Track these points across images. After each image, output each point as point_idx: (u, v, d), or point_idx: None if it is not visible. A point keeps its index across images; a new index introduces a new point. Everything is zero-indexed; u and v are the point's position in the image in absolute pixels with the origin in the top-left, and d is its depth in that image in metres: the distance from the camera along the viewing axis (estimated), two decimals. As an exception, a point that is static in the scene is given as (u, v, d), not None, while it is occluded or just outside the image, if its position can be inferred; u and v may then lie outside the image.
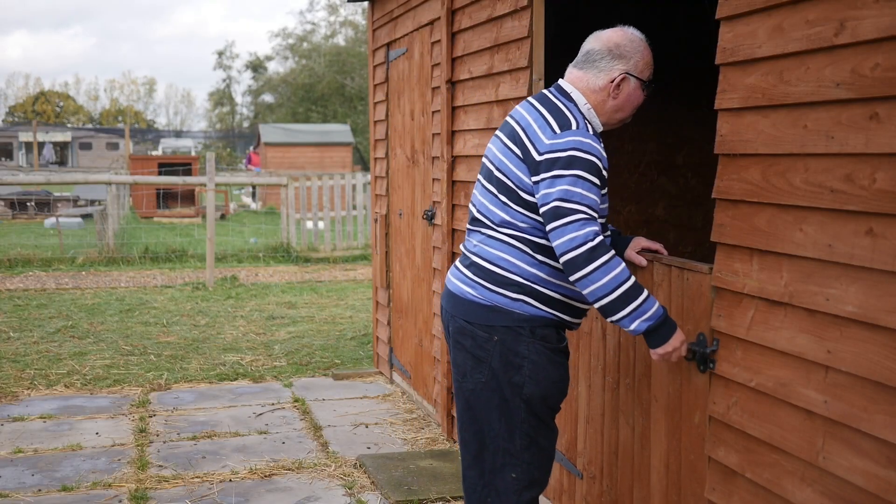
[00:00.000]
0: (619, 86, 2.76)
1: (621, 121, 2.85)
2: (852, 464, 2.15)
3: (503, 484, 2.76)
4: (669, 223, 5.40)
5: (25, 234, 15.90)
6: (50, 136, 46.37)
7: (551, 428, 2.82)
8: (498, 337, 2.71)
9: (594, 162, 2.59)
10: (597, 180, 2.59)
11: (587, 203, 2.56)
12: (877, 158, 2.07)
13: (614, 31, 2.86)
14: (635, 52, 2.80)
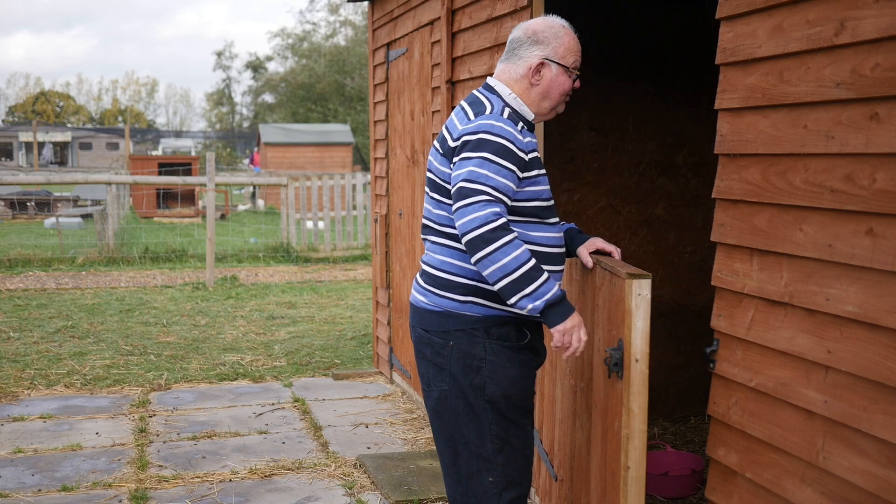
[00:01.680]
0: (539, 72, 2.73)
1: (551, 109, 2.79)
2: (852, 464, 2.15)
3: (481, 489, 2.73)
4: (669, 223, 5.39)
5: (25, 234, 15.90)
6: (50, 136, 46.36)
7: (523, 426, 2.76)
8: (453, 342, 2.68)
9: (503, 144, 2.56)
10: (507, 163, 2.56)
11: (493, 185, 2.52)
12: (877, 158, 2.08)
13: (535, 20, 2.82)
14: (554, 37, 2.75)
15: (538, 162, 2.69)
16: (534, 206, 2.67)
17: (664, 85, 5.27)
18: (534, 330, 2.75)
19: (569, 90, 2.77)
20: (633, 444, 2.57)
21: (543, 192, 2.70)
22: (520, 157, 2.60)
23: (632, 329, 2.52)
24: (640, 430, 2.56)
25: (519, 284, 2.49)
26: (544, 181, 2.71)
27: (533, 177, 2.66)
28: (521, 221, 2.66)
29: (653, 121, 5.28)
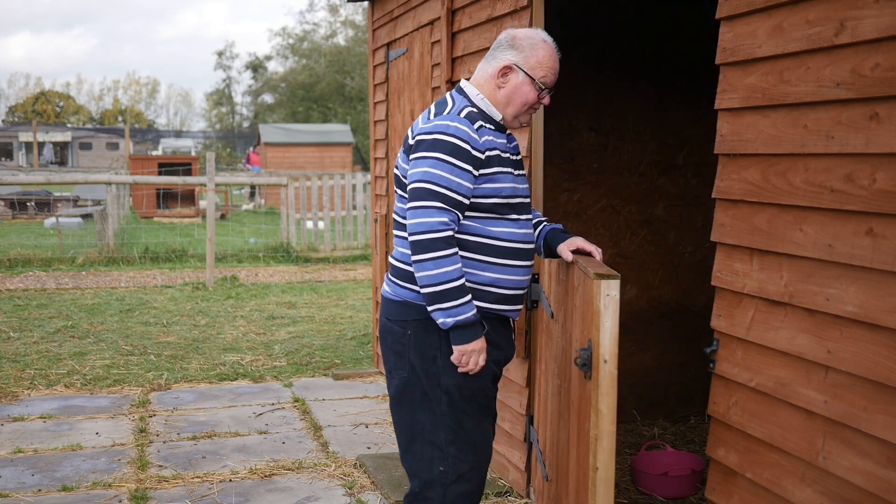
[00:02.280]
0: (506, 74, 2.77)
1: (514, 117, 2.81)
2: (852, 464, 2.15)
3: (430, 476, 2.79)
4: (669, 223, 5.39)
5: (25, 234, 15.90)
6: (50, 136, 46.36)
7: (479, 421, 2.80)
8: (411, 331, 2.76)
9: (457, 144, 2.63)
10: (461, 162, 2.62)
11: (446, 185, 2.61)
12: (877, 158, 2.08)
13: (523, 28, 2.88)
14: (530, 47, 2.77)
15: (498, 160, 2.73)
16: (493, 202, 2.72)
17: (664, 85, 5.27)
18: (494, 324, 2.80)
19: (532, 102, 2.80)
20: (601, 445, 2.56)
21: (504, 189, 2.74)
22: (475, 156, 2.66)
23: (600, 329, 2.52)
24: (609, 430, 2.55)
25: (439, 297, 2.60)
26: (505, 179, 2.75)
27: (490, 174, 2.71)
28: (480, 217, 2.73)
29: (653, 121, 5.29)
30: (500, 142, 2.77)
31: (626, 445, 4.87)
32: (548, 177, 4.93)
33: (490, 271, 2.75)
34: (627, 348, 5.36)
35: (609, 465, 2.57)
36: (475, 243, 2.73)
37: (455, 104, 2.77)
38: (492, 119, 2.79)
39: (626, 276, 5.33)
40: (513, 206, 2.78)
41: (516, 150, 2.91)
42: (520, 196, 2.83)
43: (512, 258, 2.78)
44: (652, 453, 4.39)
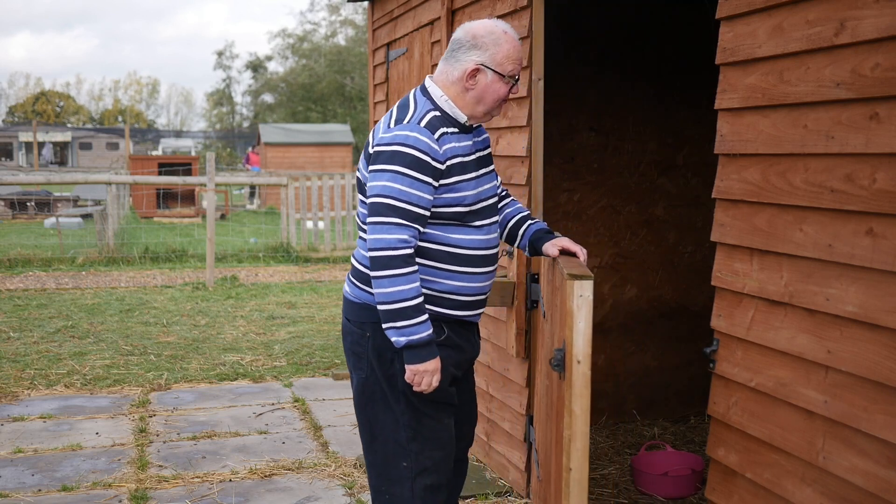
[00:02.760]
0: (475, 77, 2.72)
1: (486, 114, 2.79)
2: (852, 464, 2.15)
3: (396, 473, 2.81)
4: (669, 223, 5.39)
5: (25, 234, 15.90)
6: (50, 136, 46.36)
7: (439, 420, 2.81)
8: (370, 333, 2.76)
9: (417, 157, 2.60)
10: (421, 175, 2.60)
11: (406, 199, 2.59)
12: (877, 158, 2.08)
13: (479, 23, 2.79)
14: (493, 44, 2.72)
15: (460, 168, 2.70)
16: (454, 210, 2.71)
17: (664, 85, 5.27)
18: (454, 327, 2.80)
19: (504, 96, 2.77)
20: (574, 446, 2.56)
21: (467, 197, 2.71)
22: (435, 168, 2.63)
23: (573, 330, 2.51)
24: (582, 431, 2.53)
25: (393, 315, 2.59)
26: (468, 187, 2.72)
27: (451, 184, 2.68)
28: (441, 224, 2.71)
29: (653, 121, 5.29)
30: (462, 146, 2.74)
31: (626, 445, 4.87)
32: (548, 177, 4.93)
33: (450, 279, 2.74)
34: (627, 348, 5.36)
35: (582, 467, 2.56)
36: (435, 251, 2.72)
37: (417, 109, 2.72)
38: (455, 122, 2.76)
39: (626, 276, 5.33)
40: (477, 213, 2.76)
41: (485, 143, 2.90)
42: (485, 200, 2.80)
43: (472, 265, 2.77)
44: (652, 453, 4.39)
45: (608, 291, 5.30)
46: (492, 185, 2.86)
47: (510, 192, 4.13)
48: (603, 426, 5.21)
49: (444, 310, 2.76)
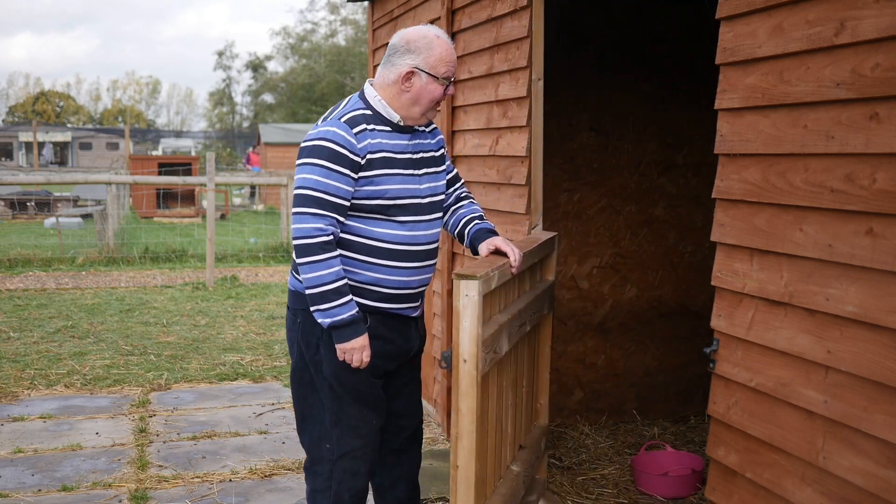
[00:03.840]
0: (410, 79, 2.88)
1: (422, 115, 2.94)
2: (852, 464, 2.15)
3: (319, 454, 3.02)
4: (669, 223, 5.39)
5: (25, 234, 15.90)
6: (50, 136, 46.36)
7: (360, 408, 2.93)
8: (300, 319, 2.94)
9: (334, 149, 2.76)
10: (338, 166, 2.76)
11: (323, 189, 2.75)
12: (877, 158, 2.08)
13: (413, 28, 2.95)
14: (426, 47, 2.87)
15: (383, 163, 2.84)
16: (376, 203, 2.84)
17: (664, 85, 5.27)
18: (382, 319, 2.91)
19: (439, 98, 2.91)
20: (461, 444, 2.59)
21: (388, 191, 2.85)
22: (352, 160, 2.78)
23: (459, 329, 2.55)
24: (468, 430, 2.57)
25: (316, 299, 2.77)
26: (391, 181, 2.85)
27: (371, 176, 2.82)
28: (364, 217, 2.86)
29: (653, 121, 5.28)
30: (392, 143, 2.87)
31: (626, 445, 4.87)
32: (548, 177, 4.93)
33: (371, 271, 2.87)
34: (627, 348, 5.36)
35: (469, 465, 2.59)
36: (357, 243, 2.86)
37: (344, 108, 2.90)
38: (389, 121, 2.90)
39: (626, 276, 5.33)
40: (402, 208, 2.88)
41: (436, 146, 3.05)
42: (418, 197, 2.92)
43: (394, 259, 2.88)
44: (652, 453, 4.39)
45: (608, 291, 5.30)
46: (435, 185, 3.00)
47: (510, 192, 4.13)
48: (603, 426, 5.21)
49: (366, 301, 2.89)
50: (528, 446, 3.59)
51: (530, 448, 3.61)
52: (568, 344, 5.23)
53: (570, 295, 5.23)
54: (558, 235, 3.84)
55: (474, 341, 2.55)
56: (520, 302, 3.21)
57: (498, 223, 4.27)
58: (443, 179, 3.06)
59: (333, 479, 2.98)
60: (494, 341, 2.75)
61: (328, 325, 2.78)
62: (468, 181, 4.63)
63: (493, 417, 2.99)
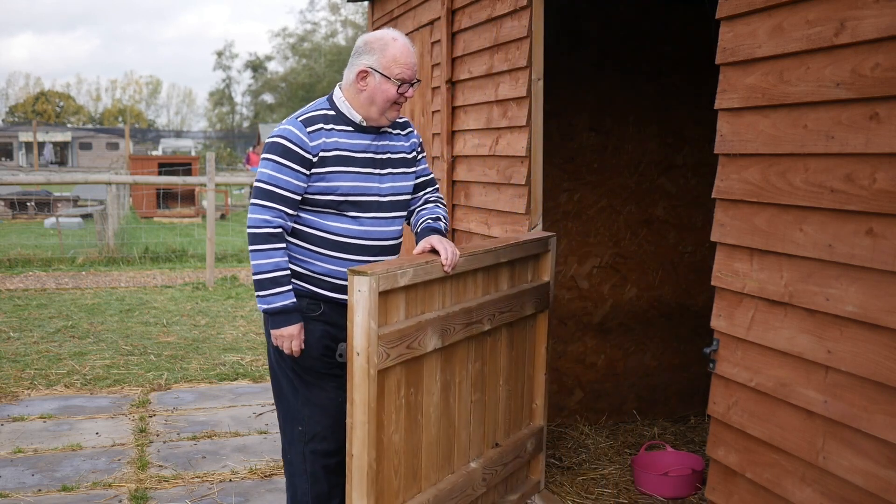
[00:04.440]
0: (364, 79, 3.02)
1: (380, 114, 3.05)
2: (852, 464, 2.15)
3: (292, 435, 3.14)
4: (669, 223, 5.39)
5: (25, 234, 15.90)
6: (50, 136, 46.37)
7: (323, 388, 3.07)
8: None
9: (287, 146, 2.94)
10: (289, 162, 2.94)
11: (275, 183, 2.94)
12: (877, 158, 2.07)
13: (373, 32, 3.11)
14: (381, 49, 3.01)
15: (337, 160, 2.99)
16: (328, 199, 2.99)
17: (664, 85, 5.27)
18: (335, 307, 3.04)
19: (393, 98, 3.02)
20: (355, 434, 2.72)
21: (340, 187, 2.99)
22: (304, 157, 2.95)
23: (353, 324, 2.68)
24: (361, 420, 2.71)
25: (256, 286, 2.97)
26: (343, 178, 3.00)
27: (324, 173, 2.98)
28: (318, 210, 3.02)
29: (653, 121, 5.28)
30: (351, 142, 3.02)
31: (626, 445, 4.87)
32: (548, 177, 4.93)
33: (324, 262, 3.02)
34: (627, 348, 5.36)
35: (362, 454, 2.72)
36: (312, 235, 3.02)
37: (308, 107, 3.08)
38: (350, 121, 3.04)
39: (626, 276, 5.33)
40: (355, 204, 3.02)
41: (406, 148, 3.18)
42: (372, 194, 3.05)
43: (347, 252, 3.03)
44: (652, 453, 4.39)
45: (608, 291, 5.30)
46: (399, 184, 3.13)
47: (510, 192, 4.13)
48: (603, 426, 5.21)
49: (320, 290, 3.04)
50: (506, 445, 3.61)
51: (511, 448, 3.63)
52: (568, 344, 5.23)
53: (570, 295, 5.23)
54: (556, 236, 3.84)
55: (366, 336, 2.66)
56: (472, 301, 3.26)
57: (498, 223, 4.27)
58: (410, 180, 3.19)
59: (307, 459, 3.10)
60: (407, 337, 2.84)
61: (262, 311, 2.97)
62: (469, 181, 4.63)
63: (432, 412, 3.07)
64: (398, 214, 3.15)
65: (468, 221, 4.65)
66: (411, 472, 3.01)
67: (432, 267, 2.97)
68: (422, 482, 3.08)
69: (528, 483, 3.89)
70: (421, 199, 3.30)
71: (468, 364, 3.30)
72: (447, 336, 3.07)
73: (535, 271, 3.76)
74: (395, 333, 2.78)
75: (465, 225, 4.68)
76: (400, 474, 2.94)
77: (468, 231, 4.63)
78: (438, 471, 3.17)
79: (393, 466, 2.90)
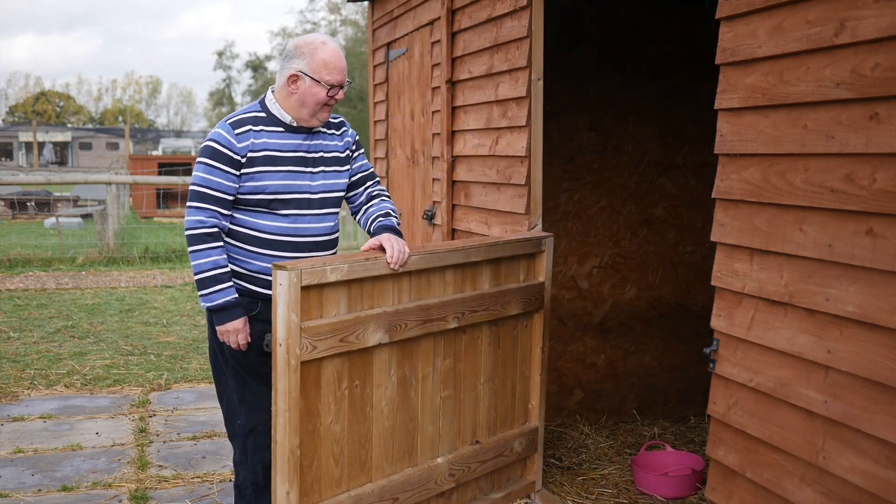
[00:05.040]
0: (295, 82, 3.13)
1: (311, 115, 3.16)
2: (852, 464, 2.15)
3: (233, 429, 3.27)
4: (669, 223, 5.39)
5: (25, 234, 15.90)
6: (50, 136, 46.36)
7: (260, 383, 3.15)
8: None
9: (216, 148, 3.06)
10: (218, 163, 3.05)
11: (206, 184, 3.06)
12: (877, 158, 2.08)
13: (304, 36, 3.21)
14: (310, 53, 3.12)
15: (266, 160, 3.09)
16: (258, 198, 3.09)
17: (664, 85, 5.27)
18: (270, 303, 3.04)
19: (323, 101, 3.13)
20: (278, 422, 2.84)
21: (269, 186, 3.09)
22: (231, 157, 3.06)
23: (275, 316, 2.80)
24: (283, 409, 2.82)
25: (197, 284, 3.07)
26: (272, 177, 3.10)
27: (252, 173, 3.08)
28: (250, 209, 3.12)
29: (653, 121, 5.28)
30: (280, 143, 3.12)
31: (626, 445, 4.87)
32: (548, 177, 4.93)
33: (258, 260, 3.11)
34: (627, 348, 5.36)
35: (284, 441, 2.84)
36: (245, 234, 3.12)
37: (240, 110, 3.18)
38: (281, 122, 3.15)
39: (626, 276, 5.33)
40: (285, 202, 3.12)
41: (344, 147, 3.30)
42: (303, 192, 3.15)
43: (279, 250, 3.13)
44: (652, 453, 4.39)
45: (608, 291, 5.30)
46: (331, 182, 3.23)
47: (510, 192, 4.13)
48: (603, 426, 5.21)
49: (256, 287, 3.12)
50: (487, 443, 3.64)
51: (492, 446, 3.66)
52: (568, 344, 5.23)
53: (570, 295, 5.23)
54: (552, 236, 3.83)
55: (286, 328, 2.79)
56: (433, 298, 3.31)
57: (497, 223, 4.27)
58: (343, 178, 3.30)
59: (248, 452, 3.21)
60: (341, 331, 2.94)
61: (206, 309, 3.07)
62: (469, 181, 4.63)
63: (384, 406, 3.18)
64: (330, 211, 3.26)
65: (468, 221, 4.65)
66: (358, 462, 3.11)
67: (375, 264, 3.06)
68: (373, 473, 3.17)
69: (520, 482, 3.89)
70: (363, 194, 3.43)
71: (435, 360, 3.37)
72: (396, 332, 3.15)
73: (528, 271, 3.76)
74: (326, 327, 2.89)
75: (465, 225, 4.68)
76: (343, 463, 3.06)
77: (468, 231, 4.63)
78: (395, 463, 3.26)
79: (333, 455, 3.02)
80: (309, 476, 2.94)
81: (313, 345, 2.86)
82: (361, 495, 3.11)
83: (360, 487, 3.12)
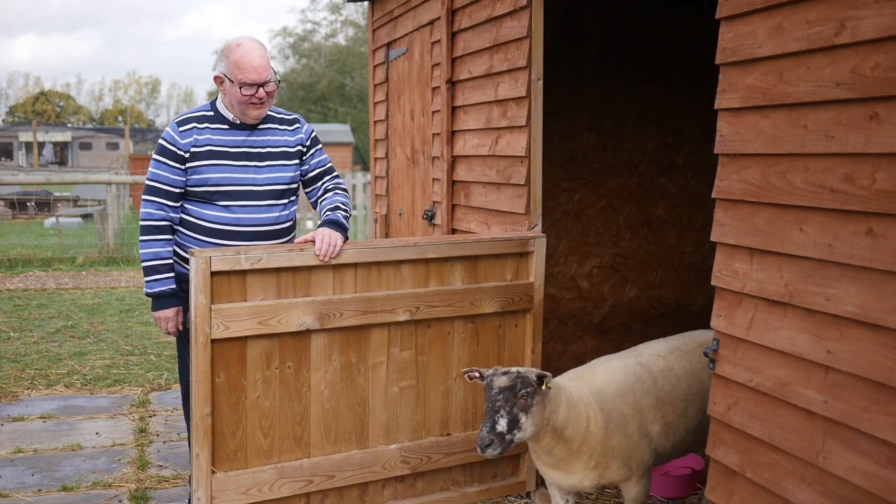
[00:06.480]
0: (221, 84, 3.38)
1: (244, 114, 3.38)
2: (852, 464, 2.15)
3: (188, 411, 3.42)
4: (669, 223, 5.39)
5: (25, 234, 15.90)
6: (50, 136, 46.36)
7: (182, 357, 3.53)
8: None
9: (164, 145, 3.36)
10: (166, 159, 3.34)
11: (155, 179, 3.35)
12: (877, 158, 2.07)
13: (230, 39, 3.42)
14: (227, 55, 3.35)
15: (208, 155, 3.35)
16: (202, 190, 3.35)
17: (664, 85, 5.27)
18: None
19: (244, 100, 3.33)
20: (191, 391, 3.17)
21: (210, 179, 3.34)
22: (177, 153, 3.35)
23: (191, 297, 3.11)
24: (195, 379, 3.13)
25: (144, 272, 3.36)
26: (214, 171, 3.34)
27: (196, 166, 3.34)
28: (195, 201, 3.38)
29: (653, 121, 5.28)
30: (223, 139, 3.37)
31: (626, 445, 4.86)
32: (548, 177, 4.93)
33: (202, 247, 3.31)
34: (627, 348, 5.35)
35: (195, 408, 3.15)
36: (192, 223, 3.38)
37: (190, 110, 3.45)
38: (226, 119, 3.41)
39: (626, 276, 5.33)
40: (226, 194, 3.36)
41: (295, 143, 3.52)
42: (246, 185, 3.37)
43: (220, 238, 3.37)
44: (652, 453, 4.38)
45: (608, 291, 5.30)
46: (278, 175, 3.43)
47: (510, 192, 4.13)
48: (603, 426, 5.21)
49: None
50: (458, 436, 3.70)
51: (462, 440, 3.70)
52: (568, 344, 5.23)
53: (570, 295, 5.23)
54: (544, 237, 3.82)
55: (196, 308, 3.09)
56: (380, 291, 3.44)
57: (497, 223, 4.27)
58: (290, 171, 3.49)
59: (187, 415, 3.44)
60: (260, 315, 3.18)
61: (147, 294, 3.35)
62: (469, 181, 4.63)
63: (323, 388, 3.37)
64: (276, 202, 3.45)
65: (468, 221, 4.65)
66: (291, 437, 3.35)
67: (299, 255, 3.24)
68: (310, 449, 3.39)
69: (507, 480, 3.90)
70: (320, 189, 3.61)
71: (390, 350, 3.50)
72: (330, 320, 3.32)
73: (516, 270, 3.76)
74: (243, 309, 3.15)
75: (465, 225, 4.68)
76: (272, 437, 3.30)
77: (468, 231, 4.63)
78: (340, 444, 3.44)
79: (261, 427, 3.29)
80: (232, 443, 3.23)
81: (225, 325, 3.13)
82: (289, 468, 3.33)
83: (293, 461, 3.35)
